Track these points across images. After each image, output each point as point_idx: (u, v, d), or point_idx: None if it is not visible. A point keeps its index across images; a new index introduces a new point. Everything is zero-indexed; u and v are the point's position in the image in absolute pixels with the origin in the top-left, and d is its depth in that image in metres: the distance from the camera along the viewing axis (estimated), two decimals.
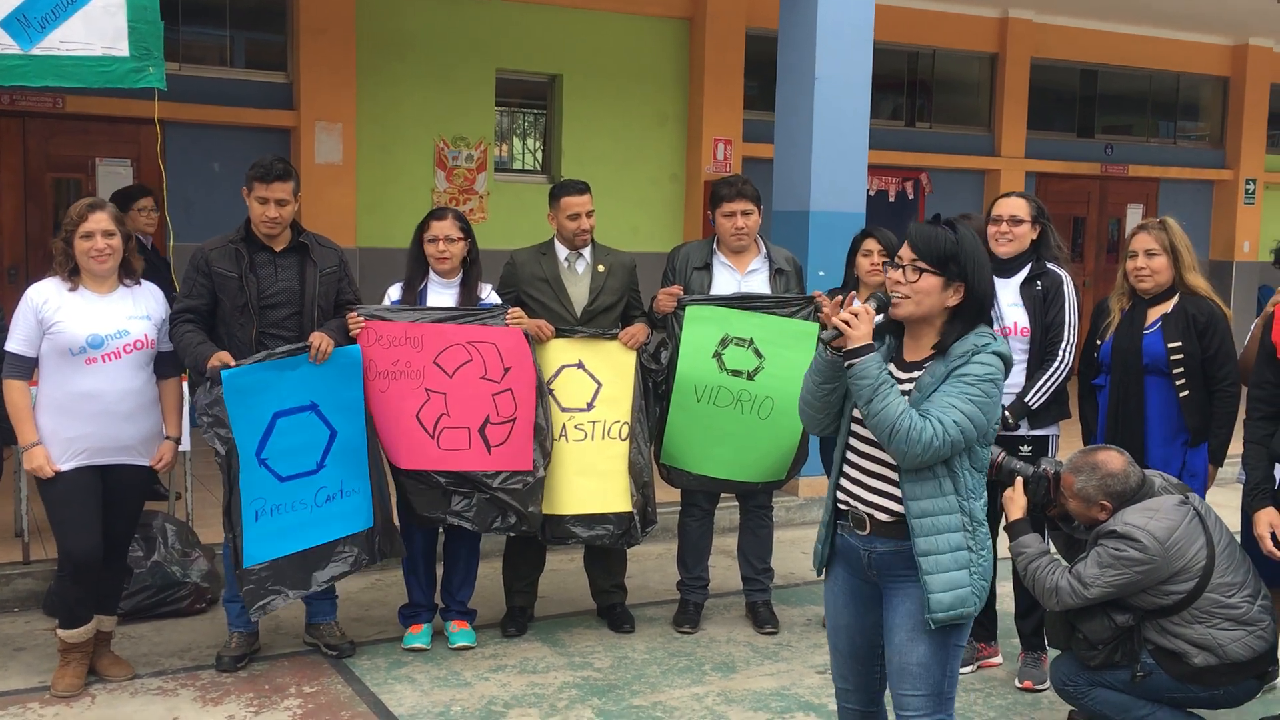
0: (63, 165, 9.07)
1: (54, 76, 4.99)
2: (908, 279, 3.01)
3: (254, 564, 4.45)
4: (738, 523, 5.46)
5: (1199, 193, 14.40)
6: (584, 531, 4.98)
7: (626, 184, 10.57)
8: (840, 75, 6.96)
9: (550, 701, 4.49)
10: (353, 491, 4.69)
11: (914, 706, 3.08)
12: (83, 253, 4.32)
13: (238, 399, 4.37)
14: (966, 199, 12.50)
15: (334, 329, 4.65)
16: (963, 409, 2.92)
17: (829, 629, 3.34)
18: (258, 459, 4.45)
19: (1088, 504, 3.95)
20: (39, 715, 4.26)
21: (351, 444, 4.67)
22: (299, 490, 4.55)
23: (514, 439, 4.79)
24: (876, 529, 3.09)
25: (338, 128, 9.49)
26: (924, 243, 3.00)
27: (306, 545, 4.57)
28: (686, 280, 5.16)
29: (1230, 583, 3.85)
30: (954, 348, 3.00)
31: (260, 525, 4.46)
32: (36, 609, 5.35)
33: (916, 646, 3.05)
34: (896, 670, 3.09)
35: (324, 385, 4.58)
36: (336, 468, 4.63)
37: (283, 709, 4.37)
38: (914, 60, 12.60)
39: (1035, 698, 4.62)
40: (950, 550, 2.99)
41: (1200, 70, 14.13)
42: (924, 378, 3.01)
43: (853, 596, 3.23)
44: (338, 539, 4.65)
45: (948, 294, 3.01)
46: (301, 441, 4.55)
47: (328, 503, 4.62)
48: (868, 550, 3.12)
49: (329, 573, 4.64)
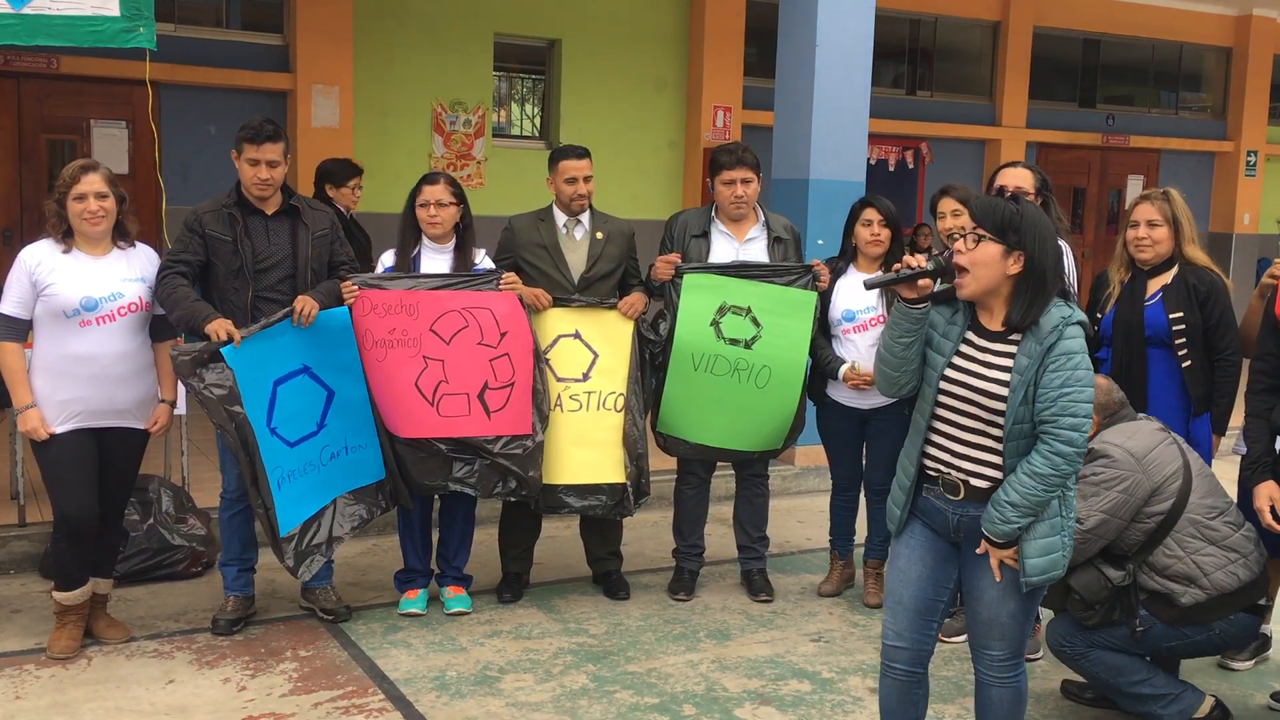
0: (57, 126, 9.01)
1: (45, 36, 4.96)
2: (967, 247, 3.06)
3: (289, 530, 4.47)
4: (734, 491, 5.46)
5: (1200, 164, 14.36)
6: (577, 501, 4.98)
7: (625, 150, 10.52)
8: (842, 42, 6.90)
9: (545, 667, 4.51)
10: (359, 447, 4.71)
11: (1000, 650, 3.23)
12: (76, 214, 4.29)
13: (243, 373, 4.34)
14: (967, 169, 12.46)
15: (322, 291, 4.62)
16: (1079, 397, 3.01)
17: (893, 583, 3.34)
18: (269, 429, 4.43)
19: None
20: (35, 677, 4.27)
21: (352, 402, 4.68)
22: (308, 452, 4.57)
23: (513, 404, 4.78)
24: (970, 495, 3.15)
25: (334, 91, 9.42)
26: (984, 211, 3.08)
27: (326, 501, 4.64)
28: (684, 248, 5.13)
29: (1210, 505, 3.85)
30: (1042, 323, 3.05)
31: (284, 493, 4.46)
32: (33, 571, 5.35)
33: (1008, 603, 3.17)
34: (985, 624, 3.23)
35: (315, 348, 4.57)
36: (338, 425, 4.64)
37: (278, 672, 4.38)
38: (915, 28, 12.52)
39: (1028, 666, 4.63)
40: (1047, 517, 3.09)
41: (1203, 41, 14.05)
42: (1020, 359, 3.05)
43: (930, 551, 3.27)
44: (352, 490, 4.72)
45: (1008, 263, 3.05)
46: (301, 405, 4.55)
47: (332, 460, 4.64)
48: (958, 514, 3.18)
49: (351, 521, 4.71)
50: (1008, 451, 3.08)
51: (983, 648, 3.27)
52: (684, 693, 4.32)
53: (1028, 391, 3.03)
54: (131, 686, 4.22)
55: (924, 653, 3.34)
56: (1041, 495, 3.03)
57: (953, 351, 3.15)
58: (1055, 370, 3.01)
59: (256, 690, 4.23)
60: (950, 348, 3.15)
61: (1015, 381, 3.04)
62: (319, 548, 4.61)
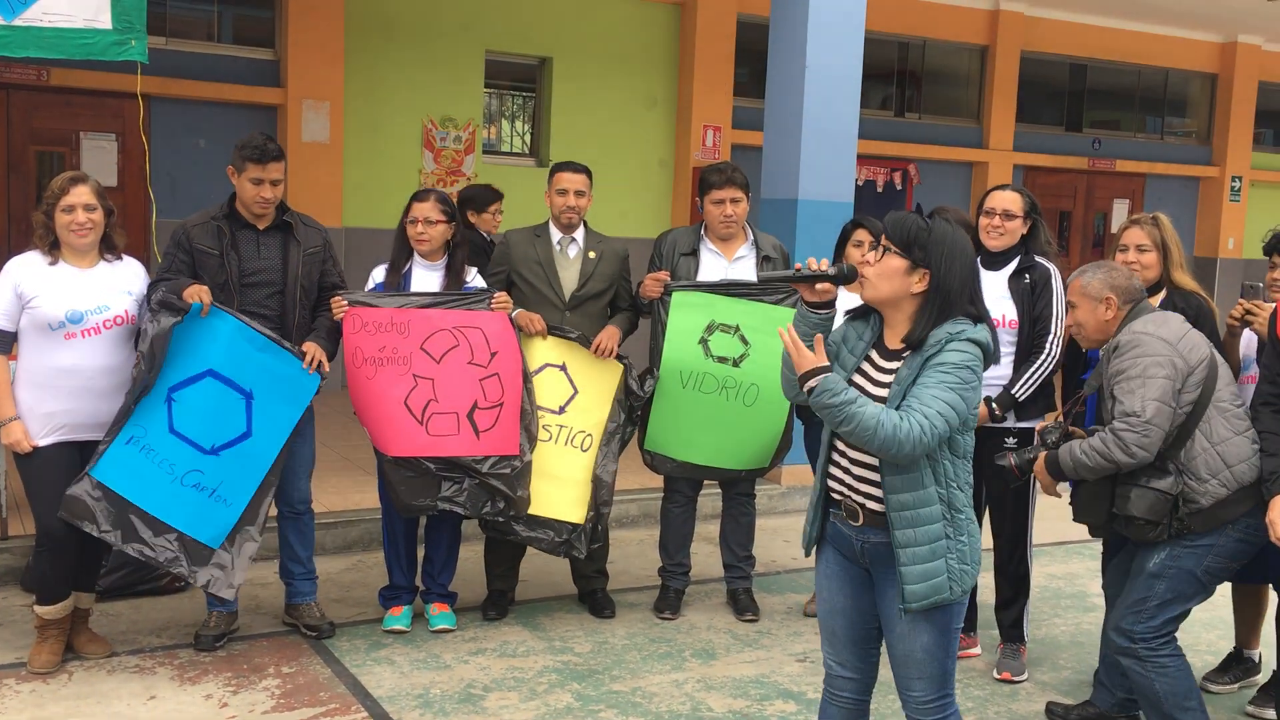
0: (46, 138, 8.99)
1: (35, 47, 4.96)
2: (875, 258, 3.03)
3: (100, 479, 4.27)
4: (720, 510, 5.46)
5: (1185, 189, 14.47)
6: (524, 531, 4.89)
7: (615, 168, 10.55)
8: (831, 64, 6.94)
9: (530, 685, 4.49)
10: (223, 501, 4.41)
11: (920, 689, 3.10)
12: (63, 226, 4.27)
13: (187, 333, 4.32)
14: (954, 191, 12.54)
15: (325, 337, 4.63)
16: (943, 398, 2.90)
17: (822, 613, 3.28)
18: (167, 393, 4.34)
19: (1095, 302, 3.90)
20: (15, 691, 4.24)
21: (255, 457, 4.45)
22: (176, 452, 4.36)
23: (501, 424, 4.77)
24: (870, 520, 3.06)
25: (325, 106, 9.43)
26: (892, 225, 3.04)
27: (144, 506, 4.31)
28: (673, 266, 5.14)
29: (1234, 393, 3.82)
30: (929, 338, 2.98)
31: (127, 450, 4.30)
32: (14, 585, 5.31)
33: (920, 635, 3.06)
34: (900, 658, 3.10)
35: (270, 387, 4.47)
36: (226, 467, 4.41)
37: (261, 689, 4.36)
38: (904, 50, 12.61)
39: (1013, 689, 4.64)
40: (929, 542, 2.99)
41: (1189, 66, 14.18)
42: (901, 370, 3.00)
43: (847, 580, 3.19)
44: (174, 528, 4.35)
45: (911, 279, 2.99)
46: (214, 416, 4.41)
47: (193, 489, 4.37)
48: (861, 540, 3.10)
49: (139, 550, 4.32)
50: (884, 468, 2.96)
51: (904, 688, 3.14)
52: (669, 712, 4.30)
53: (902, 405, 2.93)
54: (113, 702, 4.19)
55: (869, 680, 3.27)
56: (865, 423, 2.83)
57: (853, 368, 3.10)
58: (928, 374, 2.92)
59: (239, 707, 4.20)
60: (853, 364, 3.10)
61: (892, 393, 2.96)
62: (96, 524, 4.25)
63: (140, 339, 4.31)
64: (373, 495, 5.66)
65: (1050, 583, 6.06)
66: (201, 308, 4.33)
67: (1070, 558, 6.53)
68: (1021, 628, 4.78)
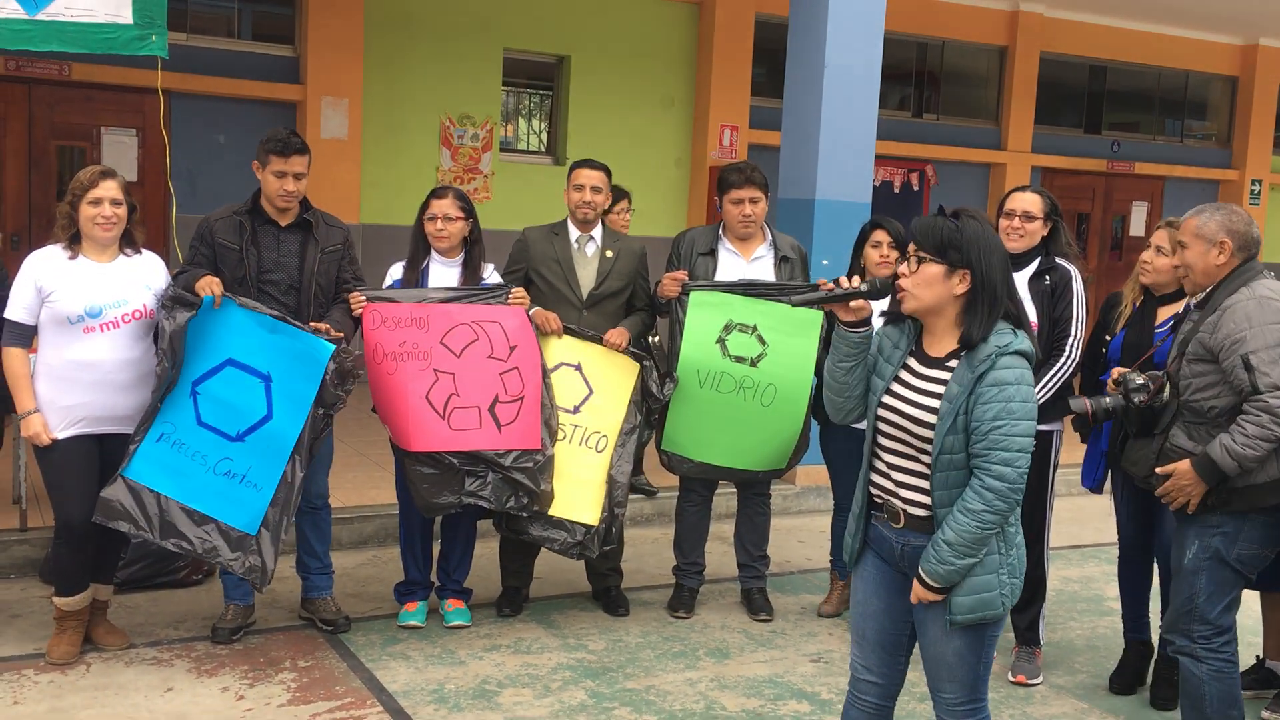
0: (67, 133, 9.04)
1: (58, 42, 5.00)
2: (910, 270, 2.98)
3: (133, 479, 4.33)
4: (735, 509, 5.46)
5: (1204, 192, 14.38)
6: (539, 531, 4.86)
7: (632, 167, 10.53)
8: (850, 64, 6.93)
9: (544, 682, 4.50)
10: (254, 485, 4.43)
11: (951, 691, 3.07)
12: (88, 219, 4.30)
13: (204, 326, 4.36)
14: (972, 192, 12.50)
15: (339, 318, 4.64)
16: (1014, 431, 2.86)
17: (855, 616, 3.26)
18: (191, 387, 4.39)
19: (1209, 244, 3.75)
20: (34, 682, 4.27)
21: (278, 438, 4.45)
22: (206, 443, 4.41)
23: (522, 417, 4.76)
24: (910, 523, 3.04)
25: (344, 103, 9.46)
26: (923, 232, 2.98)
27: (181, 499, 4.37)
28: (691, 265, 5.15)
29: None
30: (979, 350, 2.92)
31: (159, 448, 4.36)
32: (33, 576, 5.35)
33: (952, 640, 3.02)
34: (932, 662, 3.08)
35: (285, 365, 4.48)
36: (252, 451, 4.43)
37: (277, 682, 4.38)
38: (923, 51, 12.57)
39: (1028, 692, 4.63)
40: (983, 554, 2.95)
41: (1209, 69, 14.10)
42: (951, 386, 2.93)
43: (884, 584, 3.16)
44: (211, 516, 4.40)
45: (952, 282, 2.94)
46: (237, 403, 4.44)
47: (225, 477, 4.41)
48: (901, 543, 3.07)
49: (179, 543, 4.37)
50: (935, 483, 2.95)
51: (936, 689, 3.12)
52: (682, 711, 4.31)
53: (957, 420, 2.89)
54: (130, 694, 4.22)
55: (895, 686, 3.25)
56: (977, 533, 2.87)
57: (892, 377, 3.05)
58: (987, 403, 2.86)
59: (255, 699, 4.22)
60: (891, 372, 3.06)
61: (944, 409, 2.91)
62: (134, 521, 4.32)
63: (159, 337, 4.35)
64: (389, 491, 5.68)
65: (1066, 586, 6.05)
66: (214, 300, 4.36)
67: (1086, 561, 6.51)
68: (1037, 631, 4.77)
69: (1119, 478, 4.60)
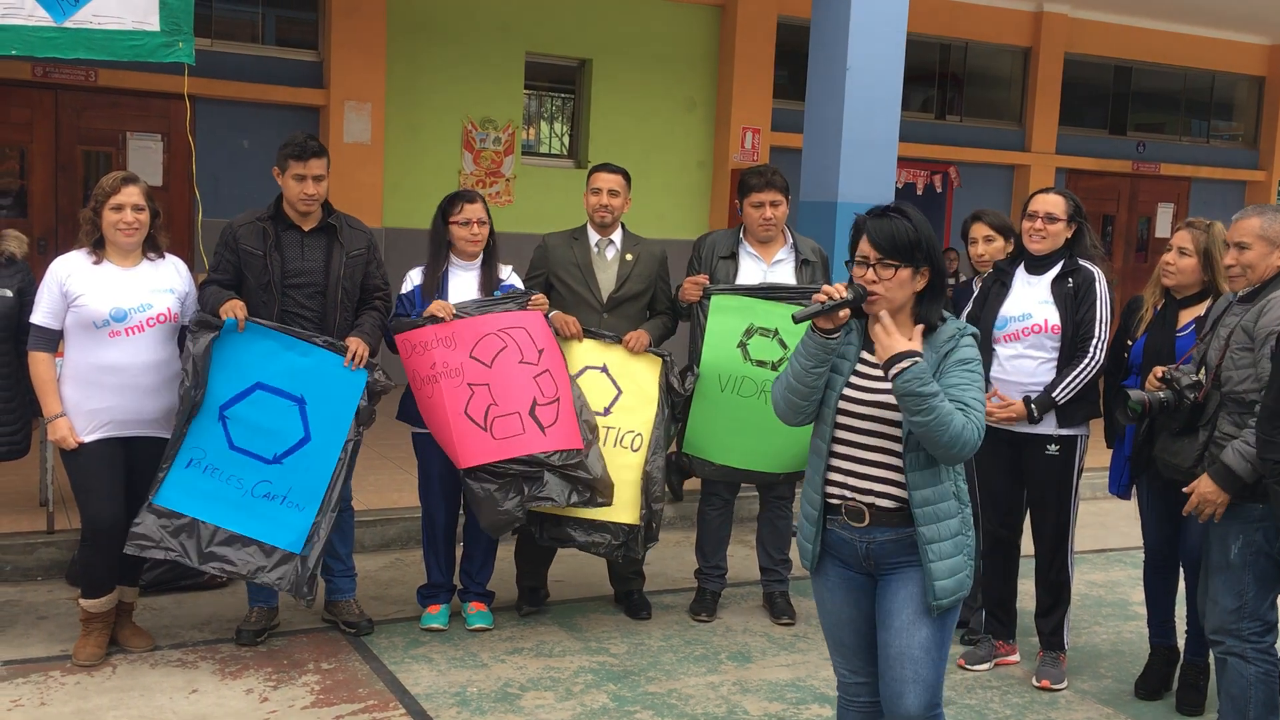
0: (93, 138, 9.12)
1: (85, 49, 5.04)
2: (881, 277, 3.02)
3: (163, 505, 4.36)
4: (757, 513, 5.45)
5: (1231, 193, 14.26)
6: (581, 537, 4.84)
7: (653, 170, 10.56)
8: (872, 66, 6.91)
9: (566, 685, 4.50)
10: (295, 506, 4.47)
11: (913, 691, 3.03)
12: (111, 224, 4.34)
13: (230, 349, 4.39)
14: (995, 194, 12.43)
15: (368, 333, 4.66)
16: (979, 399, 3.01)
17: (828, 626, 3.27)
18: (219, 412, 4.41)
19: (1272, 246, 3.79)
20: (60, 684, 4.30)
21: (319, 459, 4.49)
22: (242, 467, 4.44)
23: (562, 418, 4.72)
24: (876, 519, 3.06)
25: (367, 108, 9.50)
26: (887, 239, 3.03)
27: (218, 523, 4.40)
28: (712, 269, 5.14)
29: None
30: (938, 334, 3.07)
31: (188, 474, 4.39)
32: (60, 578, 5.40)
33: (919, 630, 3.03)
34: (895, 656, 3.05)
35: (319, 387, 4.50)
36: (292, 472, 4.47)
37: (300, 684, 4.40)
38: (946, 52, 12.52)
39: (1052, 697, 4.60)
40: (951, 536, 3.04)
41: (1235, 70, 13.98)
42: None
43: (851, 590, 3.18)
44: (252, 538, 4.43)
45: (916, 280, 3.06)
46: (271, 426, 4.46)
47: (264, 499, 4.45)
48: (865, 541, 3.08)
49: (220, 565, 4.40)
50: (909, 464, 3.00)
51: (895, 677, 3.05)
52: (704, 714, 4.30)
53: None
54: (155, 695, 4.24)
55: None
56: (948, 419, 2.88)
57: (850, 371, 3.11)
58: (959, 375, 2.99)
59: (279, 701, 4.24)
60: (848, 367, 3.12)
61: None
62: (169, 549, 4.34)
63: (184, 358, 4.39)
64: (412, 494, 5.70)
65: (1091, 590, 6.00)
66: (236, 323, 4.39)
67: (1112, 565, 6.46)
68: (1061, 635, 4.73)
69: (1144, 482, 4.57)
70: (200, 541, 4.39)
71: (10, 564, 5.40)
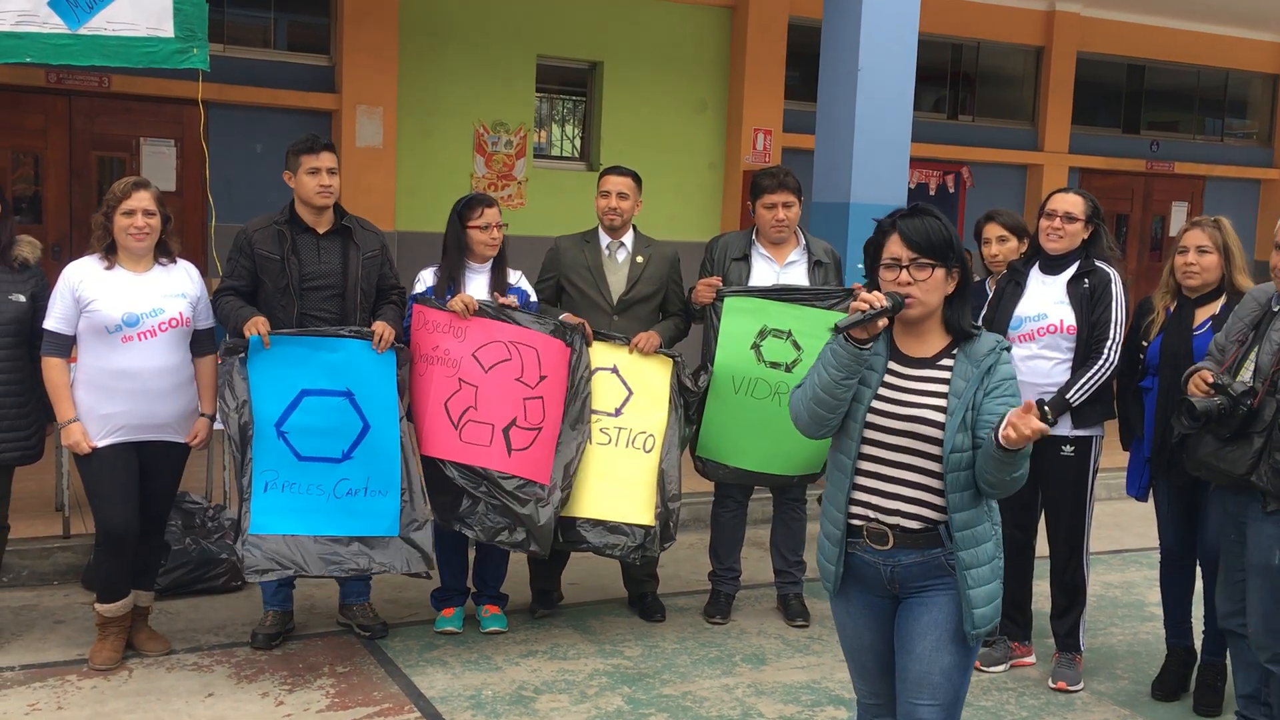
0: (107, 144, 9.15)
1: (100, 56, 5.05)
2: (916, 278, 2.91)
3: (259, 533, 4.40)
4: (770, 515, 5.44)
5: (1245, 191, 14.18)
6: (596, 539, 4.82)
7: (665, 172, 10.54)
8: (884, 66, 6.89)
9: (580, 688, 4.50)
10: (379, 493, 4.53)
11: (928, 714, 2.93)
12: (122, 229, 4.35)
13: (264, 367, 4.41)
14: (1008, 194, 12.38)
15: (391, 320, 4.68)
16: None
17: (850, 651, 3.16)
18: (276, 430, 4.44)
19: None
20: (77, 687, 4.32)
21: (384, 442, 4.54)
22: (316, 474, 4.48)
23: (536, 448, 4.71)
24: (901, 541, 2.93)
25: (379, 112, 9.52)
26: (923, 238, 2.92)
27: (317, 532, 4.46)
28: (725, 271, 5.14)
29: None
30: (976, 346, 2.93)
31: (269, 497, 4.43)
32: (76, 582, 5.42)
33: (942, 656, 2.92)
34: (915, 680, 2.94)
35: (360, 375, 4.53)
36: (364, 463, 4.52)
37: (316, 688, 4.40)
38: (958, 52, 12.48)
39: (1069, 698, 4.58)
40: (988, 561, 2.93)
41: (1249, 67, 13.90)
42: (956, 382, 2.90)
43: (874, 615, 3.06)
44: (354, 536, 4.50)
45: (949, 281, 2.96)
46: (330, 426, 4.50)
47: (349, 496, 4.51)
48: (890, 565, 2.95)
49: (338, 568, 4.48)
50: (950, 484, 2.85)
51: (913, 702, 2.94)
52: (719, 717, 4.29)
53: (966, 416, 2.86)
54: (171, 699, 4.26)
55: None
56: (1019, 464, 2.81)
57: (878, 383, 2.96)
58: (1002, 396, 2.88)
59: (294, 705, 4.25)
60: (876, 379, 2.97)
61: (953, 405, 2.87)
62: (281, 567, 4.42)
63: (220, 386, 4.44)
64: None
65: (1107, 591, 5.98)
66: (260, 339, 4.40)
67: (1128, 566, 6.43)
68: (1077, 637, 4.71)
69: (1162, 483, 4.55)
70: (304, 554, 4.44)
71: (27, 568, 5.43)
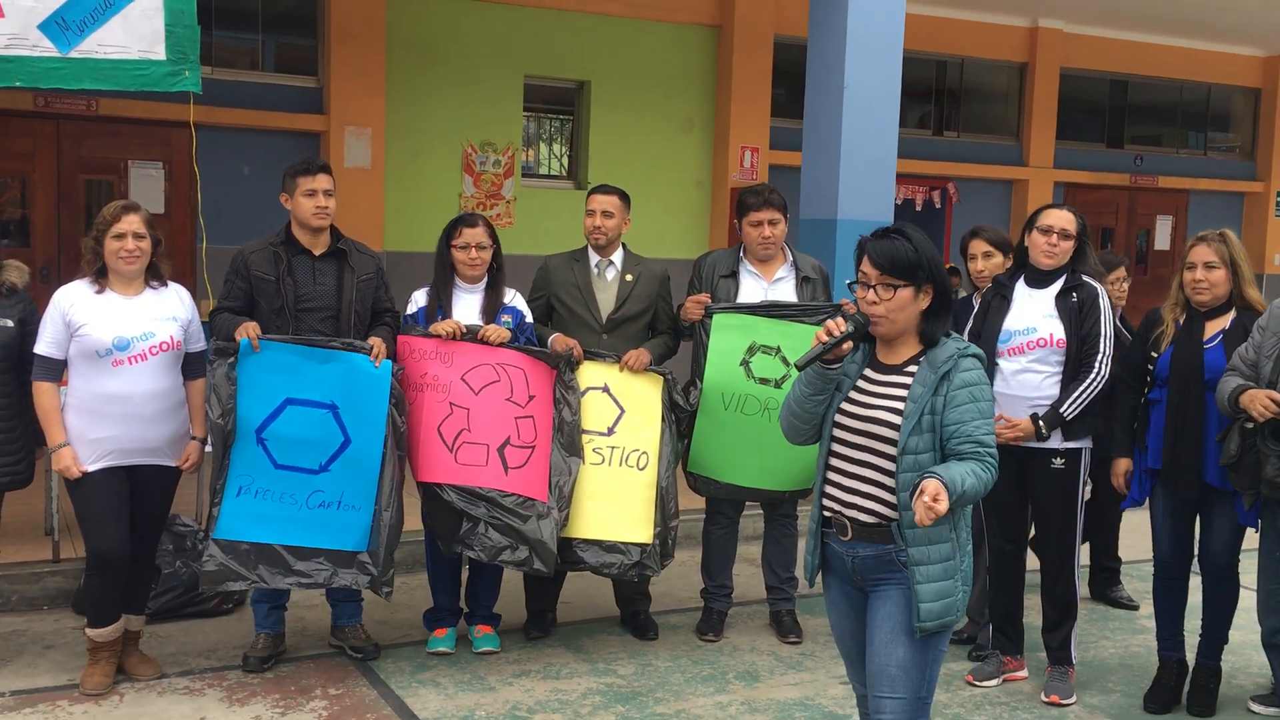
0: (95, 167, 9.14)
1: (91, 79, 5.04)
2: (882, 297, 3.05)
3: (224, 538, 4.42)
4: (762, 531, 5.44)
5: (1229, 205, 14.28)
6: (593, 559, 4.82)
7: (652, 190, 10.57)
8: (869, 84, 6.94)
9: (574, 708, 4.49)
10: (351, 508, 4.54)
11: (890, 709, 3.04)
12: (112, 253, 4.35)
13: (252, 372, 4.42)
14: (994, 209, 12.45)
15: (388, 337, 4.69)
16: (985, 427, 3.02)
17: (835, 637, 3.36)
18: (256, 436, 4.45)
19: None
20: (68, 713, 4.29)
21: (363, 458, 4.55)
22: (291, 483, 4.49)
23: (531, 465, 4.74)
24: (857, 533, 3.09)
25: (367, 133, 9.53)
26: (887, 259, 3.05)
27: (284, 541, 4.48)
28: (713, 288, 5.16)
29: None
30: (937, 352, 3.06)
31: (241, 502, 4.44)
32: (66, 607, 5.39)
33: (896, 649, 3.04)
34: (875, 673, 3.08)
35: (349, 390, 4.55)
36: (340, 477, 4.53)
37: (308, 710, 4.39)
38: (942, 69, 12.56)
39: (1061, 712, 4.59)
40: (941, 560, 3.03)
41: (1231, 81, 14.03)
42: (915, 387, 3.04)
43: (849, 603, 3.24)
44: (320, 548, 4.51)
45: (920, 299, 3.07)
46: (309, 437, 4.51)
47: (320, 508, 4.52)
48: (850, 555, 3.13)
49: (297, 580, 4.49)
50: (902, 484, 3.00)
51: (875, 695, 3.07)
52: None
53: (921, 420, 2.99)
54: None
55: None
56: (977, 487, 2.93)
57: (849, 388, 3.15)
58: (961, 405, 2.99)
59: None
60: (847, 384, 3.16)
61: (909, 409, 3.01)
62: (242, 577, 4.43)
63: (208, 389, 4.44)
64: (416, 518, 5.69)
65: (1099, 604, 5.98)
66: (250, 343, 4.41)
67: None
68: (1069, 650, 4.72)
69: (1161, 494, 4.56)
70: (269, 563, 4.46)
71: (16, 593, 5.40)
